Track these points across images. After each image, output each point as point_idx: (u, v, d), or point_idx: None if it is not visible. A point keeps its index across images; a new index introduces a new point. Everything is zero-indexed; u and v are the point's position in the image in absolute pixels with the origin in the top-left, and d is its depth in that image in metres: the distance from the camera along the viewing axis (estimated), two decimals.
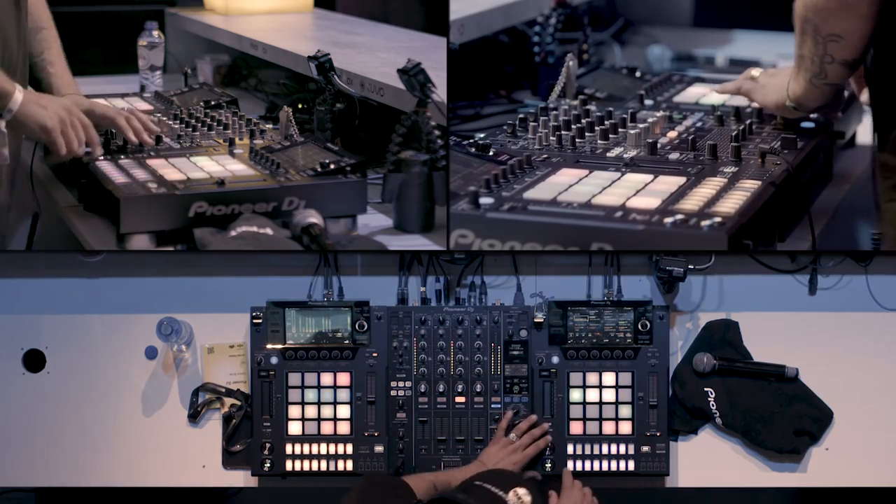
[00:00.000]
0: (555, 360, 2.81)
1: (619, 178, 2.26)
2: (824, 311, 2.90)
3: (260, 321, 2.81)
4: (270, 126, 2.96)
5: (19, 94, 2.52)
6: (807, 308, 2.91)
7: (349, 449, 2.80)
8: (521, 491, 2.19)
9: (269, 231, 2.50)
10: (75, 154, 2.62)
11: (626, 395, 2.81)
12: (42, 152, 2.84)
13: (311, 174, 2.60)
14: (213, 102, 3.12)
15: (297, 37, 3.44)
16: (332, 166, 2.61)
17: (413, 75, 2.61)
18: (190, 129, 2.92)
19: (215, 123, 2.94)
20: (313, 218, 2.53)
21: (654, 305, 2.80)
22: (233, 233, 2.48)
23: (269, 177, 2.60)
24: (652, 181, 2.25)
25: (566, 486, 2.62)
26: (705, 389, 2.84)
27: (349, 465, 2.80)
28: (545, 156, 2.36)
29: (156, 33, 3.19)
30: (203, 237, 2.48)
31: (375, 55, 3.16)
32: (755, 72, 2.56)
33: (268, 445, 2.80)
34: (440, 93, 2.64)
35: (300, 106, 3.17)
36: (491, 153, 2.34)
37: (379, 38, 3.37)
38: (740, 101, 2.75)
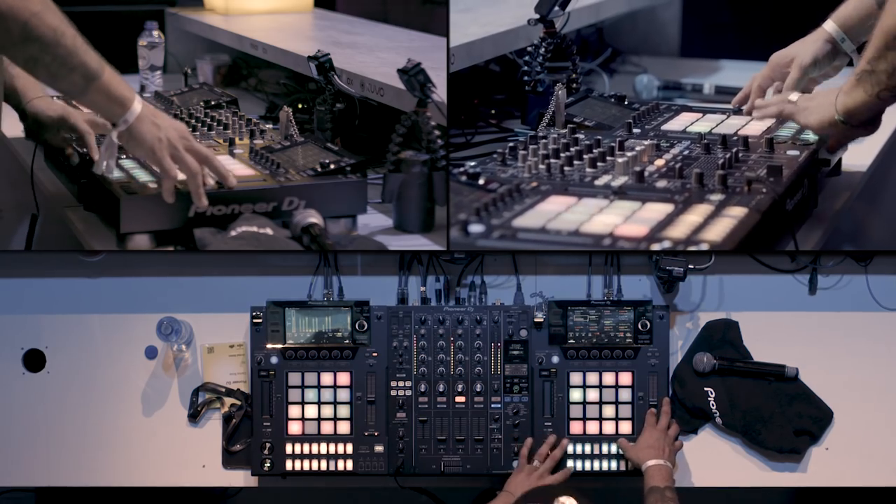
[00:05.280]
0: (555, 359, 2.81)
1: (607, 206, 2.27)
2: (824, 311, 2.91)
3: (260, 321, 2.81)
4: (270, 126, 2.96)
5: (138, 105, 2.36)
6: (807, 308, 2.91)
7: (349, 449, 2.81)
8: (564, 498, 2.20)
9: (269, 231, 2.50)
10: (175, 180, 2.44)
11: (626, 395, 2.81)
12: (43, 152, 2.85)
13: (311, 174, 2.60)
14: (213, 102, 3.13)
15: (297, 37, 3.44)
16: (332, 166, 2.61)
17: (413, 75, 2.61)
18: (190, 130, 2.92)
19: (215, 123, 2.94)
20: (313, 218, 2.53)
21: (654, 305, 2.80)
22: (233, 233, 2.48)
23: (269, 177, 2.60)
24: (640, 209, 2.26)
25: (649, 424, 2.74)
26: (705, 389, 2.84)
27: (349, 465, 2.81)
28: (534, 184, 2.38)
29: (156, 33, 3.19)
30: (203, 237, 2.48)
31: (375, 55, 3.16)
32: (794, 96, 2.57)
33: (268, 445, 2.80)
34: (440, 93, 2.64)
35: (300, 106, 3.17)
36: (481, 181, 2.36)
37: (379, 38, 3.37)
38: (727, 129, 2.76)
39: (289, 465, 2.81)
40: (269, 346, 2.81)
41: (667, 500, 2.52)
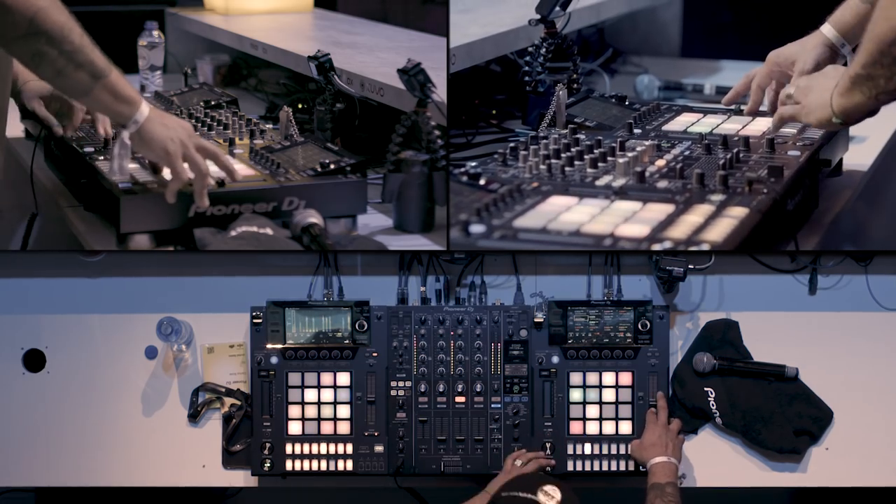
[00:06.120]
0: (555, 360, 2.81)
1: (608, 207, 2.27)
2: (824, 311, 2.90)
3: (260, 321, 2.81)
4: (270, 126, 2.96)
5: (145, 107, 2.37)
6: (807, 308, 2.91)
7: (349, 449, 2.81)
8: (549, 487, 2.19)
9: (269, 231, 2.50)
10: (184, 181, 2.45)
11: (626, 395, 2.81)
12: (43, 152, 2.85)
13: (311, 174, 2.60)
14: (213, 102, 3.12)
15: (297, 37, 3.44)
16: (332, 166, 2.61)
17: (413, 75, 2.61)
18: None
19: (215, 123, 2.94)
20: (313, 218, 2.53)
21: (654, 305, 2.80)
22: (233, 233, 2.48)
23: (269, 177, 2.60)
24: (641, 209, 2.27)
25: (650, 421, 2.73)
26: (705, 389, 2.84)
27: (349, 465, 2.81)
28: (535, 184, 2.38)
29: (156, 33, 3.19)
30: (203, 237, 2.48)
31: (375, 55, 3.16)
32: (791, 89, 2.57)
33: (268, 445, 2.80)
34: (440, 93, 2.64)
35: (300, 106, 3.17)
36: (482, 182, 2.36)
37: (379, 38, 3.37)
38: (728, 129, 2.76)
39: (289, 465, 2.81)
40: (269, 346, 2.81)
41: (666, 496, 2.51)
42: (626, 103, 2.96)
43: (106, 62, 2.30)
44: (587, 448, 2.80)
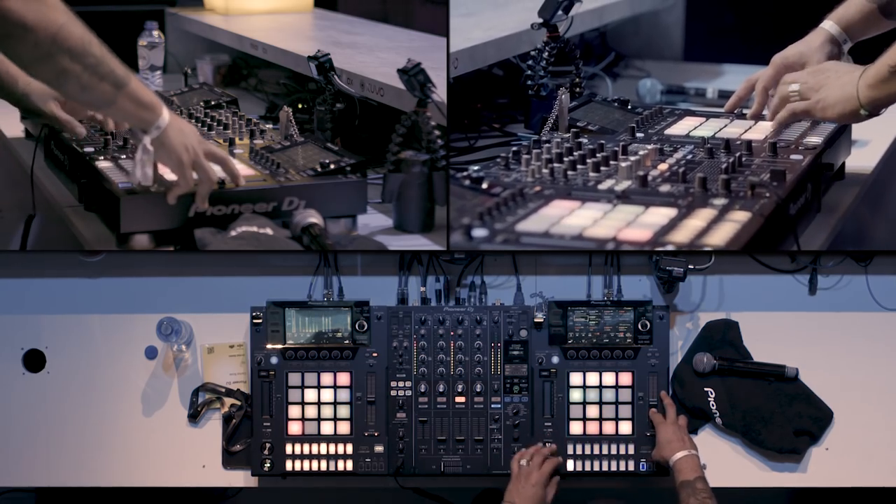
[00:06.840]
0: (555, 360, 2.81)
1: (610, 210, 2.27)
2: (824, 311, 2.91)
3: (260, 321, 2.81)
4: (270, 126, 2.96)
5: (166, 113, 2.33)
6: (807, 308, 2.91)
7: (349, 449, 2.81)
8: None
9: (269, 231, 2.50)
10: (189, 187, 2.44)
11: (626, 395, 2.81)
12: (43, 152, 2.85)
13: (311, 174, 2.60)
14: (213, 102, 3.13)
15: (297, 37, 3.44)
16: (332, 166, 2.61)
17: (413, 75, 2.61)
18: None
19: (215, 123, 2.94)
20: (313, 218, 2.53)
21: (654, 305, 2.80)
22: (233, 233, 2.48)
23: (269, 177, 2.60)
24: (643, 213, 2.26)
25: (658, 422, 2.75)
26: (705, 389, 2.84)
27: (349, 465, 2.81)
28: (538, 188, 2.38)
29: (156, 33, 3.20)
30: (203, 237, 2.48)
31: (375, 55, 3.16)
32: (794, 86, 2.55)
33: (268, 445, 2.80)
34: (440, 93, 2.65)
35: (300, 106, 3.17)
36: (484, 186, 2.36)
37: (379, 38, 3.37)
38: (730, 133, 2.76)
39: (289, 465, 2.81)
40: (269, 346, 2.81)
41: (698, 492, 2.53)
42: (629, 107, 2.96)
43: (125, 69, 2.26)
44: (587, 448, 2.80)
